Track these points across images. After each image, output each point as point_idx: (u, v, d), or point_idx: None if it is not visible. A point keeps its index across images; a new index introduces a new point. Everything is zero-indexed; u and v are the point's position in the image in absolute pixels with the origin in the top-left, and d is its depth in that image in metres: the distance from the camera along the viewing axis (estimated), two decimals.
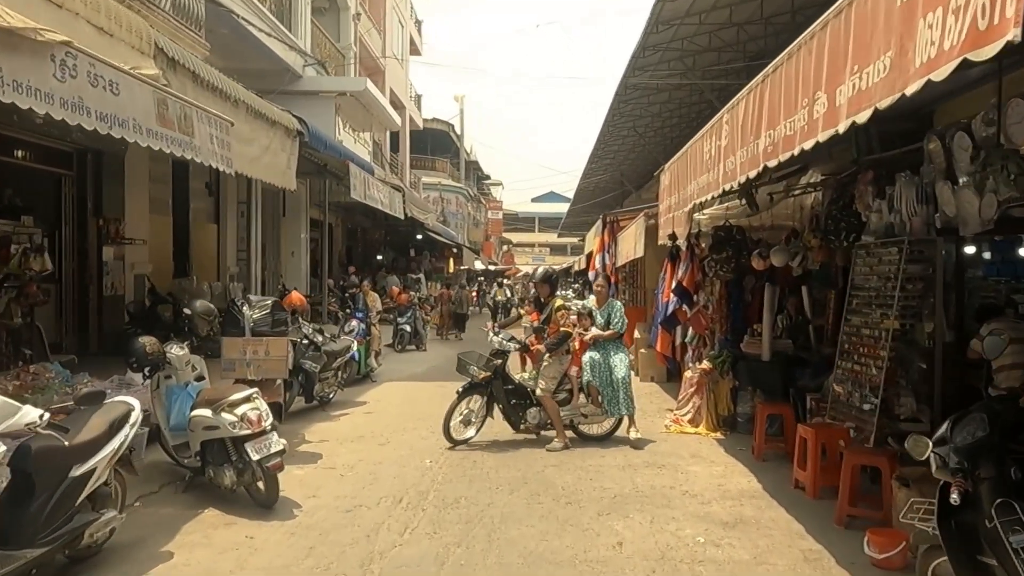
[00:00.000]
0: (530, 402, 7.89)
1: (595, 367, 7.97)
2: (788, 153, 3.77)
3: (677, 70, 16.05)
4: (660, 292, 9.85)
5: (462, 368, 7.95)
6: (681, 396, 8.96)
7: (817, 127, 3.46)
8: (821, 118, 3.42)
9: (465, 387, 7.84)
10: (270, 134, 10.46)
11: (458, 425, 7.74)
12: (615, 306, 8.35)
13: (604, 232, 14.59)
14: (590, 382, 7.99)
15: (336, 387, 10.13)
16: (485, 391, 7.84)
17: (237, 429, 5.37)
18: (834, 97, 3.31)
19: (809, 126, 3.53)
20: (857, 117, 3.15)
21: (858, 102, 3.13)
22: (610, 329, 8.12)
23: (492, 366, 7.78)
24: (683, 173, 6.73)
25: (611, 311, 8.24)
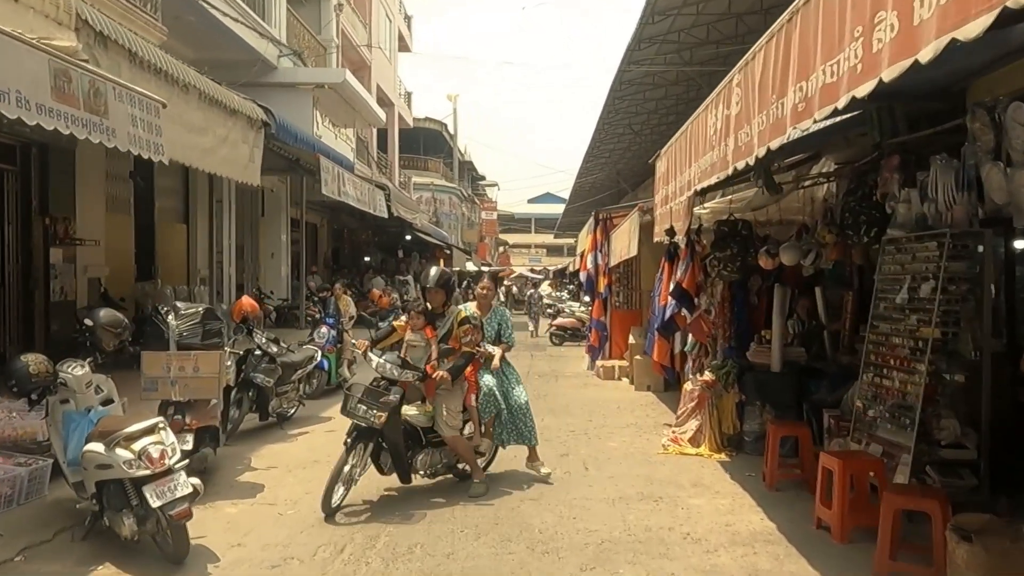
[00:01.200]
0: (419, 444, 6.11)
1: (491, 393, 6.52)
2: (829, 107, 2.77)
3: (674, 64, 15.22)
4: (657, 295, 8.85)
5: (351, 408, 5.72)
6: (680, 411, 7.96)
7: (880, 62, 2.41)
8: (887, 47, 2.37)
9: (354, 436, 5.74)
10: (228, 124, 9.49)
11: (339, 488, 5.65)
12: (503, 315, 7.06)
13: (596, 230, 13.59)
14: (489, 411, 6.50)
15: (297, 402, 9.12)
16: (375, 437, 5.81)
17: (134, 469, 4.36)
18: (910, 11, 2.26)
19: (866, 64, 2.48)
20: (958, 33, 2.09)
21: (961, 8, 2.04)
22: (502, 343, 6.90)
23: (388, 404, 5.67)
24: (682, 156, 5.73)
25: (500, 321, 6.95)
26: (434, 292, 6.25)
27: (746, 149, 3.76)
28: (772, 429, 6.25)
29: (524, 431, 6.67)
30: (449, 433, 6.04)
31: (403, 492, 6.16)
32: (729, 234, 7.70)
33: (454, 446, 6.12)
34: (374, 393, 5.68)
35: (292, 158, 14.24)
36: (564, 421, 9.07)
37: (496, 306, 7.08)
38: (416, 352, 6.11)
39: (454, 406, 6.07)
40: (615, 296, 13.64)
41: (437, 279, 6.27)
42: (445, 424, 6.01)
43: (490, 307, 6.96)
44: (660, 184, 6.85)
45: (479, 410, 6.39)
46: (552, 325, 20.80)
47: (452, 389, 6.04)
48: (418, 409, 6.05)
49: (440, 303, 6.26)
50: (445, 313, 6.24)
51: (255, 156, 10.40)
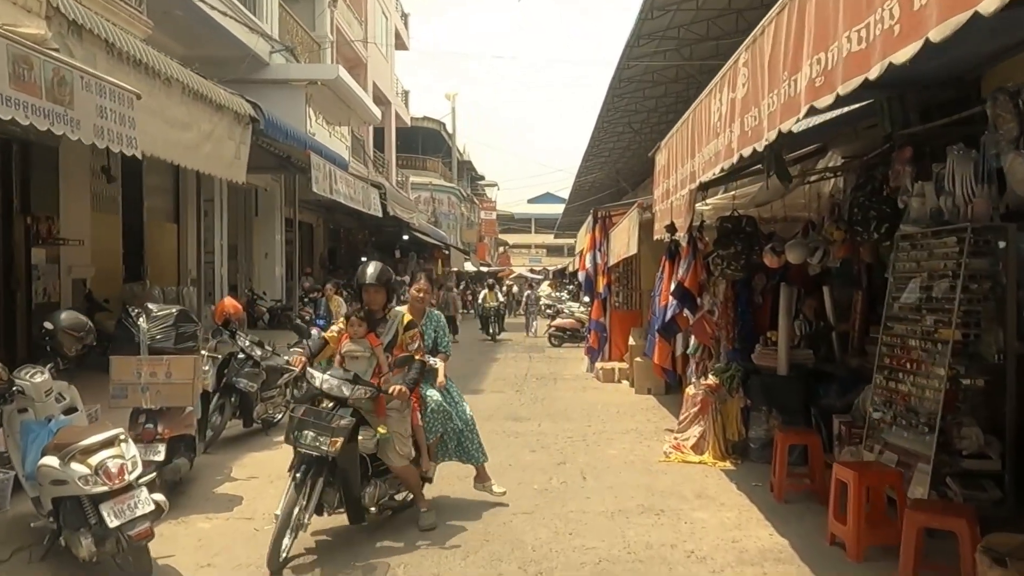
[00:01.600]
0: (365, 476, 5.06)
1: (440, 410, 5.71)
2: (857, 79, 2.41)
3: (674, 61, 14.90)
4: (657, 295, 8.51)
5: (296, 436, 4.68)
6: (683, 416, 7.61)
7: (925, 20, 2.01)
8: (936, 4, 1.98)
9: (303, 469, 4.68)
10: (214, 119, 9.16)
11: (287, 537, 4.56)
12: (438, 321, 6.11)
13: (595, 228, 13.25)
14: (436, 430, 5.72)
15: (284, 408, 8.76)
16: (324, 469, 4.75)
17: (91, 485, 4.01)
18: None
19: (907, 24, 2.09)
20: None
21: None
22: (440, 353, 5.99)
23: (342, 429, 4.64)
24: (683, 147, 5.39)
25: (436, 328, 6.03)
26: (374, 291, 5.14)
27: (754, 134, 3.42)
28: (780, 437, 5.90)
29: (471, 449, 5.91)
30: (400, 462, 5.06)
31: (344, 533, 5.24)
32: (732, 231, 7.35)
33: (404, 476, 5.17)
34: (322, 415, 4.64)
35: (283, 155, 13.89)
36: (562, 427, 8.72)
37: (430, 311, 6.12)
38: (358, 365, 5.07)
39: (404, 429, 5.11)
40: (614, 296, 13.30)
41: (377, 276, 5.15)
42: (396, 452, 5.02)
43: (424, 312, 5.97)
44: (660, 178, 6.50)
45: (425, 429, 5.57)
46: (551, 326, 20.46)
47: (401, 408, 5.07)
48: (365, 434, 4.85)
49: (381, 305, 5.20)
50: (387, 317, 5.20)
51: (241, 153, 10.07)
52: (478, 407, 9.97)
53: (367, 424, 4.87)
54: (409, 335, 5.17)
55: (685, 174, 5.32)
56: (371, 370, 5.05)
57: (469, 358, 16.50)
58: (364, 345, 5.12)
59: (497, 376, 13.45)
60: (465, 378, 12.98)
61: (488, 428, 8.56)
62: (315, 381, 4.90)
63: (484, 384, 12.37)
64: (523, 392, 11.52)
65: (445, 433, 5.78)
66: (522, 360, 16.26)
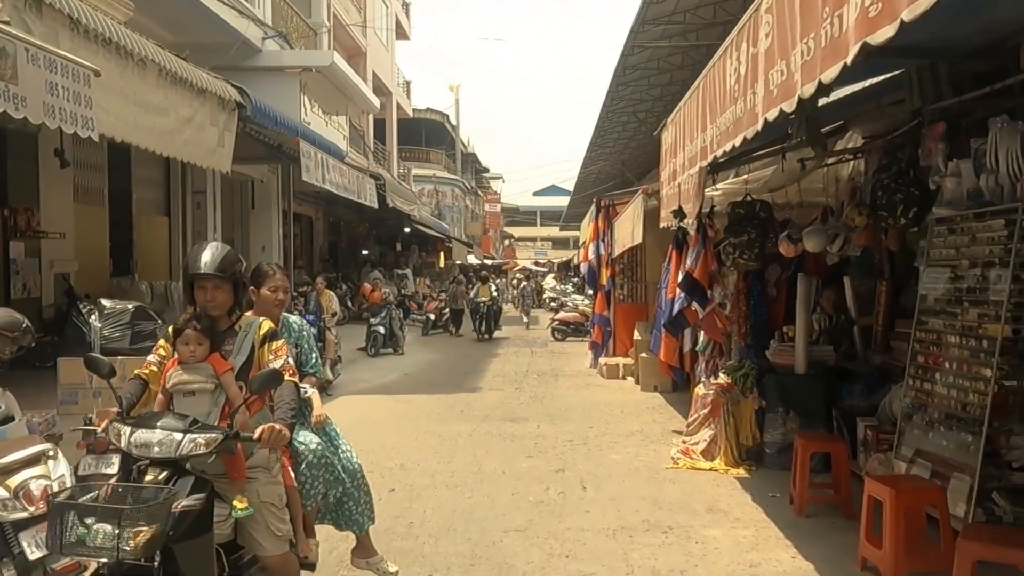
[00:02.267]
0: None
1: (322, 461, 3.90)
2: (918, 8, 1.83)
3: (680, 47, 14.30)
4: (664, 287, 7.93)
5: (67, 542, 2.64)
6: (691, 418, 7.04)
7: None
8: None
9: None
10: (194, 104, 8.62)
11: None
12: (299, 330, 4.14)
13: (598, 218, 12.66)
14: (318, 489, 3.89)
15: None
16: None
17: (9, 510, 3.47)
18: None
19: None
20: None
21: None
22: (309, 375, 4.09)
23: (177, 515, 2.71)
24: (693, 120, 4.81)
25: (299, 340, 4.08)
26: (213, 288, 3.19)
27: (782, 92, 2.84)
28: (801, 444, 5.33)
29: (354, 512, 4.10)
30: (276, 548, 3.16)
31: None
32: (745, 217, 6.76)
33: (282, 569, 3.22)
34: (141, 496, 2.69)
35: (273, 144, 13.34)
36: (562, 429, 8.17)
37: (286, 317, 4.08)
38: (196, 404, 3.11)
39: (277, 496, 3.21)
40: (619, 289, 12.72)
41: (218, 262, 3.19)
42: (268, 532, 3.13)
43: (280, 319, 3.90)
44: (667, 158, 5.92)
45: (302, 493, 3.74)
46: (554, 319, 19.87)
47: (270, 465, 3.21)
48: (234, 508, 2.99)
49: (225, 309, 3.26)
50: (236, 328, 3.28)
51: (226, 140, 9.52)
52: (475, 407, 9.54)
53: (217, 498, 2.99)
54: (271, 349, 3.22)
55: (695, 151, 4.74)
56: (217, 410, 3.11)
57: (468, 353, 15.97)
58: (205, 372, 3.14)
59: (496, 372, 12.91)
60: (463, 375, 12.47)
61: (484, 430, 8.03)
62: (121, 441, 2.95)
63: (482, 381, 11.82)
64: (523, 390, 10.97)
65: (329, 484, 3.99)
66: (523, 355, 15.71)
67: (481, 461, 6.75)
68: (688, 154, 4.99)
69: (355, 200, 15.35)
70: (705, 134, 4.33)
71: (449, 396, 10.27)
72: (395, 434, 7.88)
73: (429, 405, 9.62)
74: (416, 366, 13.80)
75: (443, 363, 14.40)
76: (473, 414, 9.03)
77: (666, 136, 5.92)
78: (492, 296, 19.27)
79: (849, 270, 7.55)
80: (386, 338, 14.96)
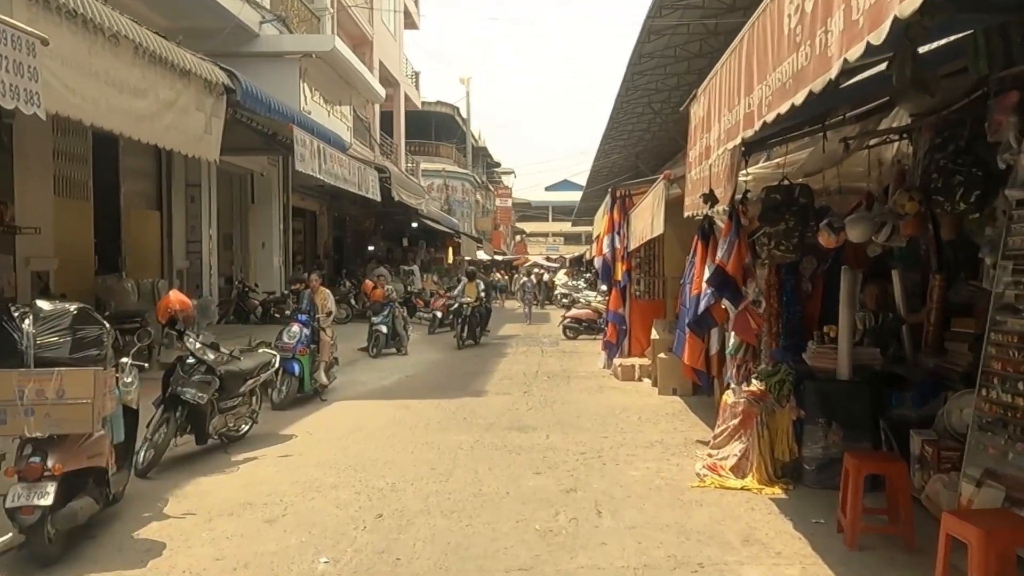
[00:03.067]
0: None
1: None
2: None
3: (698, 34, 13.51)
4: (688, 282, 7.14)
5: None
6: (719, 429, 6.26)
7: None
8: None
9: None
10: (177, 87, 7.97)
11: None
12: None
13: (613, 209, 11.86)
14: None
15: (249, 419, 7.53)
16: None
17: None
18: None
19: None
20: None
21: None
22: None
23: None
24: (733, 85, 4.02)
25: None
26: None
27: (873, 17, 2.07)
28: (853, 465, 4.54)
29: None
30: None
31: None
32: (782, 203, 5.96)
33: None
34: None
35: (268, 133, 12.64)
36: (574, 439, 7.40)
37: None
38: None
39: None
40: (635, 284, 11.92)
41: None
42: None
43: None
44: (696, 135, 5.13)
45: None
46: (566, 317, 19.07)
47: None
48: None
49: None
50: None
51: (213, 127, 8.84)
52: (479, 413, 8.79)
53: None
54: None
55: (734, 120, 3.95)
56: None
57: (475, 353, 15.23)
58: None
59: (504, 374, 12.15)
60: (469, 377, 11.74)
61: (487, 441, 7.28)
62: None
63: (488, 384, 11.07)
64: (531, 393, 10.20)
65: None
66: (533, 355, 14.94)
67: (483, 479, 6.00)
68: (725, 126, 4.20)
69: (356, 192, 14.64)
70: (751, 97, 3.54)
71: (452, 401, 9.52)
72: (389, 447, 7.14)
73: (430, 411, 8.88)
74: (419, 367, 13.07)
75: (448, 364, 13.66)
76: (477, 422, 8.28)
77: (696, 109, 5.13)
78: (479, 296, 16.73)
79: (891, 262, 6.76)
80: (388, 337, 14.24)
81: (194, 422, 6.63)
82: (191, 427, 6.68)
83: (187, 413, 6.51)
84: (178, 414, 6.41)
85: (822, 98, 6.15)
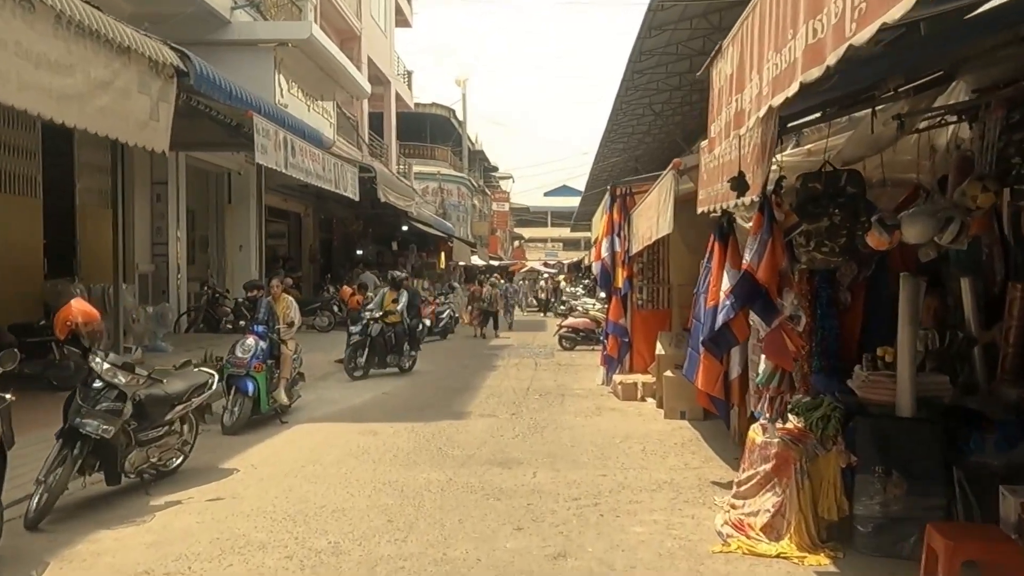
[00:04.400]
0: None
1: None
2: None
3: (701, 30, 12.39)
4: (702, 292, 5.94)
5: None
6: (745, 475, 5.04)
7: None
8: None
9: None
10: (114, 65, 6.87)
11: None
12: None
13: (613, 208, 10.67)
14: None
15: (180, 451, 6.32)
16: None
17: None
18: None
19: None
20: None
21: None
22: None
23: None
24: (778, 21, 2.84)
25: None
26: None
27: None
28: (946, 548, 3.34)
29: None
30: None
31: None
32: (825, 194, 4.76)
33: None
34: None
35: (231, 124, 11.43)
36: (566, 478, 6.19)
37: None
38: None
39: None
40: (637, 292, 10.71)
41: None
42: None
43: None
44: (720, 102, 3.92)
45: None
46: (561, 326, 17.84)
47: None
48: None
49: None
50: None
51: (161, 113, 7.72)
52: (457, 442, 7.49)
53: None
54: None
55: (783, 67, 2.77)
56: None
57: (464, 364, 14.03)
58: None
59: (491, 391, 10.94)
60: (451, 394, 10.53)
61: (462, 481, 6.08)
62: None
63: (472, 403, 9.85)
64: (520, 416, 9.00)
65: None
66: (525, 368, 13.73)
67: (450, 538, 4.79)
68: (769, 76, 3.00)
69: (332, 190, 13.44)
70: (811, 25, 2.36)
71: (428, 425, 8.32)
72: (343, 487, 5.93)
73: (400, 438, 7.68)
74: (398, 382, 11.85)
75: (431, 377, 12.42)
76: (453, 453, 7.08)
77: (721, 67, 3.93)
78: (400, 311, 12.41)
79: (948, 268, 5.59)
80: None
81: (102, 458, 5.42)
82: (99, 464, 5.47)
83: (92, 448, 5.30)
84: (77, 450, 5.20)
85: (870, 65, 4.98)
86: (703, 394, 6.18)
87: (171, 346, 11.88)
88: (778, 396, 4.80)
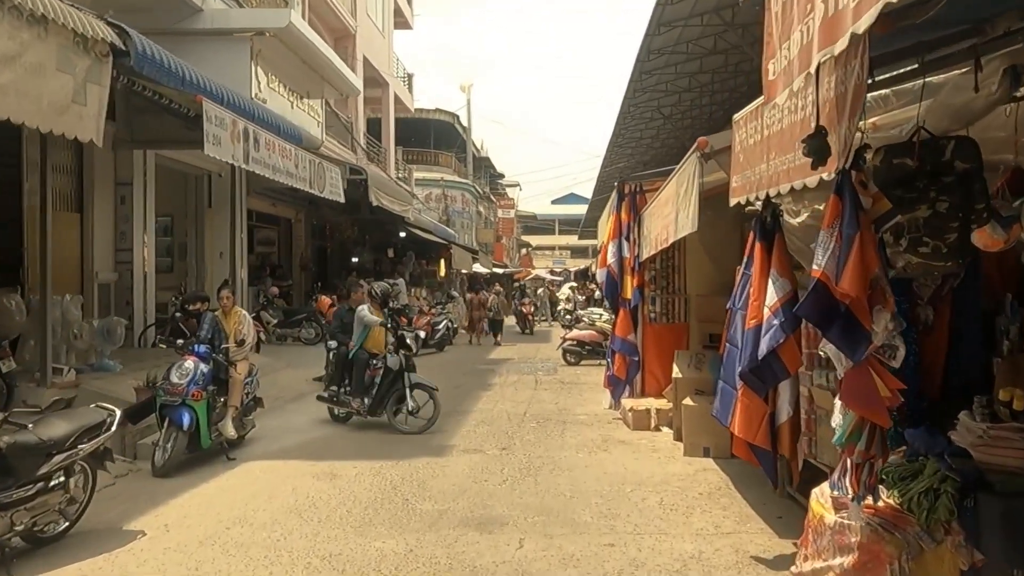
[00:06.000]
0: None
1: None
2: None
3: (713, 26, 11.18)
4: (739, 307, 4.53)
5: None
6: (808, 567, 3.59)
7: None
8: None
9: None
10: (21, 37, 5.72)
11: None
12: None
13: (621, 208, 9.27)
14: None
15: (60, 514, 4.93)
16: None
17: None
18: None
19: None
20: None
21: None
22: None
23: None
24: None
25: None
26: None
27: None
28: None
29: None
30: None
31: None
32: (921, 171, 3.34)
33: None
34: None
35: (190, 114, 10.10)
36: (561, 549, 4.76)
37: None
38: None
39: None
40: (648, 304, 9.28)
41: None
42: None
43: None
44: (783, 28, 2.49)
45: None
46: (565, 339, 16.39)
47: None
48: None
49: None
50: None
51: (90, 97, 6.50)
52: (429, 489, 5.94)
53: None
54: None
55: None
56: None
57: (457, 383, 12.56)
58: None
59: (482, 416, 9.53)
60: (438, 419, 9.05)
61: (425, 555, 4.65)
62: None
63: (458, 434, 8.41)
64: (511, 451, 7.58)
65: None
66: (524, 387, 12.29)
67: None
68: None
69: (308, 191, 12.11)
70: None
71: (398, 465, 6.91)
72: (267, 565, 4.52)
73: (361, 484, 6.27)
74: None
75: None
76: (421, 508, 5.66)
77: None
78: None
79: None
80: None
81: None
82: None
83: None
84: None
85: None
86: (741, 442, 4.73)
87: (120, 364, 10.51)
88: (868, 463, 3.32)
